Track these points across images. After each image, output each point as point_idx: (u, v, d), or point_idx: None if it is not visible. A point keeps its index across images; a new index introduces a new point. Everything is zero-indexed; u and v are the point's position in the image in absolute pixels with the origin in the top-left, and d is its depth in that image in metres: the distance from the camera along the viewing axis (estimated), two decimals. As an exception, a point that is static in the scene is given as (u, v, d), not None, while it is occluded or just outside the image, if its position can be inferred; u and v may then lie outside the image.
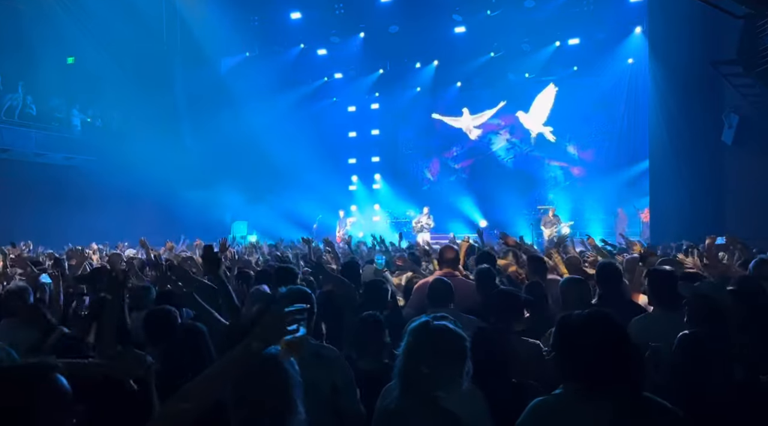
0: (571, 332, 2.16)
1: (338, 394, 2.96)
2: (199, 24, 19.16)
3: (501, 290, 4.10)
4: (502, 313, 3.72)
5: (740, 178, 12.43)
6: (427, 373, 2.27)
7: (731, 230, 9.43)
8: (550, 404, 2.13)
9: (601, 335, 2.08)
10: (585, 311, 2.20)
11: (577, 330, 2.14)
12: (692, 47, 12.98)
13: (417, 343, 2.33)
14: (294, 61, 21.01)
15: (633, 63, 18.78)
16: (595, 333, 2.09)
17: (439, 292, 4.23)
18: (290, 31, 20.23)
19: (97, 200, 16.33)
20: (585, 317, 2.15)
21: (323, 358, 3.01)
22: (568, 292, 4.25)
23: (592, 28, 18.27)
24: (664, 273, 4.10)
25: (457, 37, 19.38)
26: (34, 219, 14.81)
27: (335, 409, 2.92)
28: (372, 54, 20.79)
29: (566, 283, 4.37)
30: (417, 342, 2.34)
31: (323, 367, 2.94)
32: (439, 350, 2.30)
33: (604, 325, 2.11)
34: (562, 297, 4.30)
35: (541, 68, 19.95)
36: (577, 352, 2.10)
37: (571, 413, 2.06)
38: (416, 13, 18.54)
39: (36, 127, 17.05)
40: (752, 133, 11.93)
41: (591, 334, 2.09)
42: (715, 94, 12.88)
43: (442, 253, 5.35)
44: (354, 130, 23.87)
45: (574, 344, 2.12)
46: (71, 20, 16.54)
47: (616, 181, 18.94)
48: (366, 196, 23.20)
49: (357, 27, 19.86)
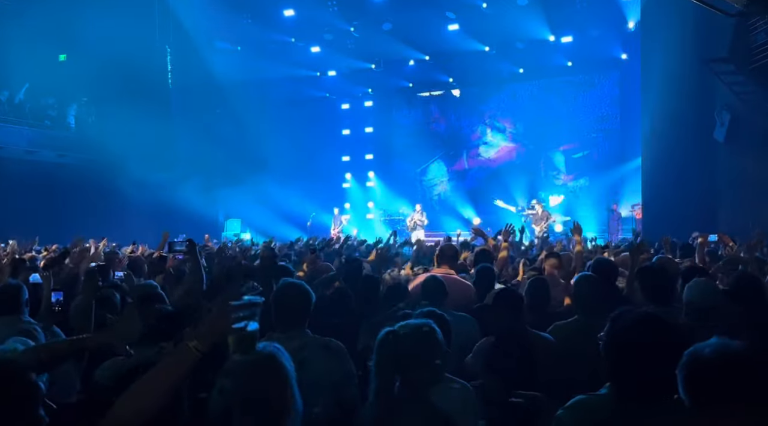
0: (622, 332, 2.06)
1: (345, 386, 2.99)
2: (191, 21, 19.07)
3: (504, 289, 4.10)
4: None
5: (732, 176, 12.47)
6: (412, 377, 2.32)
7: (723, 228, 9.49)
8: (593, 403, 2.05)
9: (652, 336, 1.98)
10: (639, 311, 2.15)
11: (628, 330, 2.04)
12: (685, 45, 13.03)
13: (388, 355, 2.36)
14: (287, 59, 20.93)
15: (626, 60, 18.83)
16: (646, 334, 1.99)
17: (431, 289, 4.22)
18: (283, 28, 20.17)
19: (90, 198, 16.25)
20: (638, 317, 2.07)
21: (331, 351, 3.07)
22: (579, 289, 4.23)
23: (585, 25, 18.30)
24: (656, 270, 4.12)
25: (450, 34, 19.38)
26: (25, 217, 14.71)
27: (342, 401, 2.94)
28: (365, 51, 20.76)
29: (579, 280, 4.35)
30: (387, 353, 2.37)
31: (332, 360, 3.01)
32: (412, 354, 2.33)
33: (657, 327, 2.01)
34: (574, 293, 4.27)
35: (534, 65, 19.97)
36: (627, 353, 2.01)
37: (615, 415, 1.97)
38: (409, 11, 18.50)
39: (28, 124, 16.96)
40: (744, 131, 11.97)
41: (643, 334, 2.00)
42: (708, 92, 12.91)
43: (442, 251, 5.31)
44: (347, 128, 23.86)
45: (624, 344, 2.03)
46: (63, 17, 16.42)
47: (608, 178, 19.01)
48: (360, 194, 23.20)
49: (350, 24, 19.81)
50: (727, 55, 11.81)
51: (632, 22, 17.64)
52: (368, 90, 23.15)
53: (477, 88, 21.49)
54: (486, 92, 21.64)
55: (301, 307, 3.13)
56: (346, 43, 20.51)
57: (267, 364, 1.89)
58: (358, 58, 21.14)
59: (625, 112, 19.30)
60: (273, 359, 1.90)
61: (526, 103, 21.24)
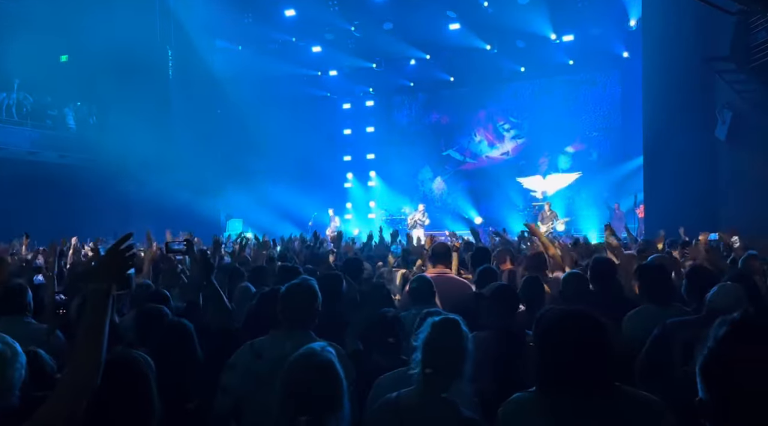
0: (540, 330, 2.13)
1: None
2: (192, 21, 19.09)
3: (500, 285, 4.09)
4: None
5: (734, 174, 12.44)
6: (446, 366, 2.35)
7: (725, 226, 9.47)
8: (522, 401, 2.08)
9: (574, 333, 1.99)
10: (558, 308, 2.18)
11: (546, 327, 2.09)
12: (686, 43, 13.00)
13: (441, 338, 2.40)
14: (288, 58, 20.94)
15: (627, 58, 18.80)
16: (561, 331, 2.02)
17: (419, 290, 4.20)
18: (284, 27, 20.18)
19: (91, 198, 16.27)
20: (556, 314, 2.10)
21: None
22: (566, 286, 4.26)
23: (586, 23, 18.28)
24: (656, 268, 4.11)
25: (451, 33, 19.37)
26: (27, 217, 14.73)
27: None
28: (366, 50, 20.76)
29: (566, 277, 4.37)
30: (441, 337, 2.41)
31: None
32: (457, 346, 2.39)
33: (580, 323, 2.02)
34: (561, 291, 4.30)
35: (535, 64, 19.95)
36: (545, 350, 2.05)
37: (534, 411, 2.01)
38: (410, 10, 18.50)
39: (30, 125, 17.00)
40: (746, 129, 11.94)
41: (558, 332, 2.03)
42: (709, 90, 12.90)
43: (434, 251, 5.20)
44: (349, 127, 23.87)
45: (543, 341, 2.08)
46: (64, 18, 16.44)
47: (610, 177, 18.98)
48: (361, 194, 23.21)
49: (351, 23, 19.81)
50: (729, 54, 11.77)
51: (634, 20, 17.63)
52: (369, 89, 23.16)
53: (478, 86, 21.47)
54: (487, 91, 21.63)
55: (306, 308, 3.11)
56: (347, 42, 20.53)
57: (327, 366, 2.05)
58: (359, 58, 21.15)
59: (627, 110, 19.28)
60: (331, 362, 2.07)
61: (528, 101, 21.23)
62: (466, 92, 21.84)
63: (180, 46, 19.92)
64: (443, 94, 22.54)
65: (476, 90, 21.68)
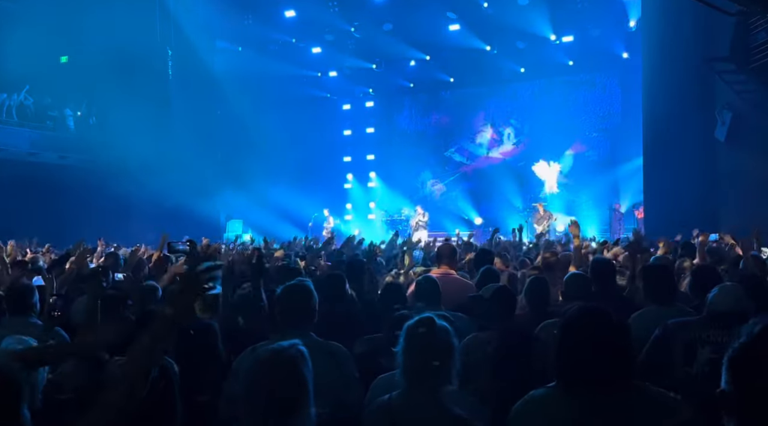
0: (563, 327, 2.13)
1: (348, 389, 3.00)
2: (193, 22, 19.09)
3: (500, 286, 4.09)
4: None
5: (733, 175, 12.46)
6: (434, 367, 2.33)
7: (725, 226, 9.48)
8: (540, 398, 2.10)
9: (585, 331, 2.04)
10: (579, 306, 2.18)
11: (568, 324, 2.11)
12: (686, 44, 13.02)
13: (422, 339, 2.38)
14: (288, 59, 20.94)
15: (627, 59, 18.80)
16: (582, 329, 2.05)
17: (425, 290, 4.21)
18: (284, 28, 20.19)
19: (91, 199, 16.26)
20: (576, 312, 2.11)
21: (334, 354, 3.07)
22: (568, 287, 4.25)
23: (586, 24, 18.30)
24: (660, 269, 4.12)
25: (451, 34, 19.37)
26: (27, 218, 14.73)
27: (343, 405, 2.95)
28: (366, 51, 20.77)
29: (567, 279, 4.37)
30: (415, 338, 2.39)
31: (335, 363, 3.01)
32: (440, 346, 2.36)
33: (598, 321, 2.05)
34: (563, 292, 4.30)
35: (535, 64, 19.96)
36: (567, 347, 2.07)
37: (554, 407, 2.03)
38: (410, 11, 18.51)
39: (30, 126, 17.00)
40: (745, 130, 11.96)
41: (579, 330, 2.06)
42: (709, 91, 12.92)
43: (440, 251, 5.29)
44: (349, 128, 23.89)
45: (564, 338, 2.09)
46: (64, 19, 16.45)
47: (610, 177, 18.99)
48: (361, 194, 23.21)
49: (351, 24, 19.82)
50: (728, 54, 11.80)
51: (633, 21, 17.63)
52: (369, 90, 23.17)
53: (478, 87, 21.48)
54: (487, 92, 21.65)
55: (304, 309, 3.11)
56: (347, 43, 20.54)
57: (287, 359, 1.94)
58: (359, 59, 21.17)
59: (627, 111, 19.28)
60: (292, 355, 1.95)
61: (528, 102, 21.24)
62: (466, 93, 21.85)
63: (180, 47, 19.91)
64: (443, 94, 22.56)
65: (476, 91, 21.69)
